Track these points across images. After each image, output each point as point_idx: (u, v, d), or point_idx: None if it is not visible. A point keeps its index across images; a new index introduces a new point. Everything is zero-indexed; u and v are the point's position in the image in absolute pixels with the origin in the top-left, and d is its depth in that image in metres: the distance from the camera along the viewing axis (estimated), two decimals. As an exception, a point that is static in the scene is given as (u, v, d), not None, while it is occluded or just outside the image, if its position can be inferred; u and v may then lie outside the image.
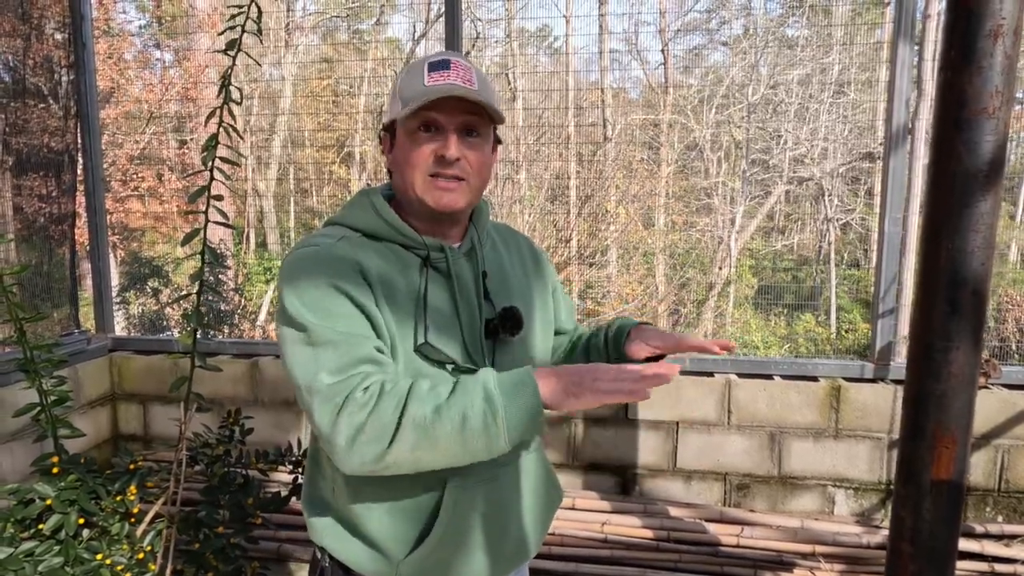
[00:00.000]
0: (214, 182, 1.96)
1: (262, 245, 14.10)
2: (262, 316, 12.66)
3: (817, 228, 12.38)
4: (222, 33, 1.95)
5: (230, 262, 7.08)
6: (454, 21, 2.84)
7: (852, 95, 12.27)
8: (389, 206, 1.07)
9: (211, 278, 4.50)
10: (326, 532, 1.09)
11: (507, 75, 10.30)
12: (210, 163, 1.93)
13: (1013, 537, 2.58)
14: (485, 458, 0.92)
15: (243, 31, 1.92)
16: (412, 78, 1.03)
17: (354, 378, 0.91)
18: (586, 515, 2.69)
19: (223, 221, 1.98)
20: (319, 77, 13.80)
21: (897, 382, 2.67)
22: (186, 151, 9.61)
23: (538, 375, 0.91)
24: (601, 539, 2.61)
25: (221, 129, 1.94)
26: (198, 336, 1.98)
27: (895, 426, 2.62)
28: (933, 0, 8.06)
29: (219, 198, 1.98)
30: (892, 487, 2.66)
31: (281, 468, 2.20)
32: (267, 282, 13.12)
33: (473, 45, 9.99)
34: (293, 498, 2.10)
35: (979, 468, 2.61)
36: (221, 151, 1.96)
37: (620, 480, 2.83)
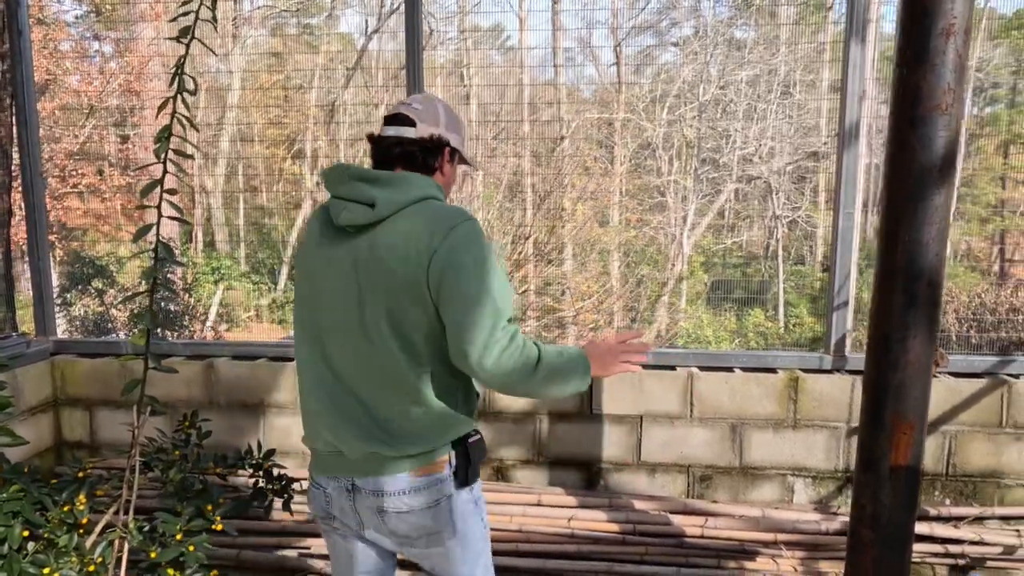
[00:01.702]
0: (167, 176, 1.88)
1: (210, 244, 13.68)
2: (211, 317, 12.31)
3: (765, 225, 12.70)
4: (173, 20, 1.87)
5: (181, 259, 6.83)
6: (414, 17, 2.79)
7: (798, 96, 12.60)
8: None
9: (163, 277, 4.32)
10: (461, 430, 1.41)
11: (461, 72, 10.24)
12: (163, 155, 1.84)
13: (960, 519, 2.68)
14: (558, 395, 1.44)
15: (196, 18, 1.84)
16: (462, 129, 1.50)
17: (516, 324, 1.35)
18: (552, 511, 2.69)
19: (177, 216, 1.90)
20: (268, 72, 13.46)
21: (853, 372, 2.74)
22: (129, 147, 9.25)
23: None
24: (568, 534, 2.61)
25: (175, 120, 1.85)
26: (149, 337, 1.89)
27: (852, 415, 2.69)
28: (873, 4, 8.34)
29: (173, 192, 1.90)
30: (849, 475, 2.74)
31: (241, 471, 2.13)
32: (215, 282, 12.75)
33: (427, 41, 9.89)
34: (255, 502, 2.04)
35: (928, 454, 2.70)
36: (175, 143, 1.87)
37: (585, 475, 2.83)
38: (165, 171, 1.87)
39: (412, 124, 1.40)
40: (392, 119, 1.42)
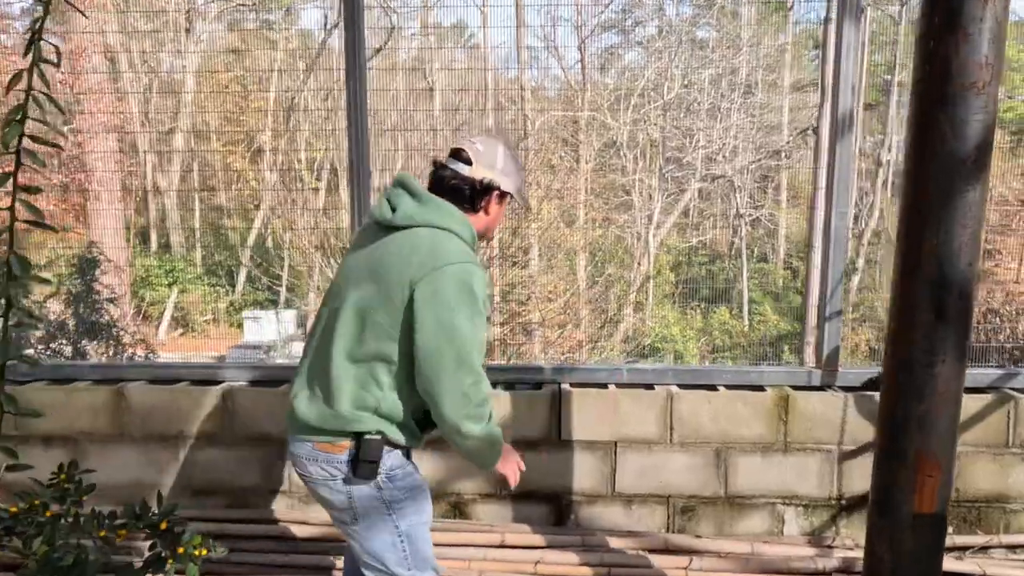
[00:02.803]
0: (25, 170, 1.45)
1: (165, 246, 12.97)
2: (165, 323, 11.63)
3: (729, 224, 12.52)
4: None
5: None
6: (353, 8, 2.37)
7: (759, 96, 12.43)
8: None
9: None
10: (369, 425, 1.49)
11: (423, 70, 9.78)
12: (14, 143, 1.41)
13: (964, 549, 2.39)
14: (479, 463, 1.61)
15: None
16: (519, 173, 1.61)
17: (483, 372, 1.48)
18: (517, 553, 2.31)
19: (36, 220, 1.47)
20: (225, 69, 12.80)
21: (846, 389, 2.43)
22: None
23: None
24: (534, 580, 2.24)
25: (31, 99, 1.43)
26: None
27: (845, 438, 2.37)
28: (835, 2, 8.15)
29: (35, 191, 1.47)
30: (844, 502, 2.42)
31: (136, 532, 1.70)
32: (169, 285, 12.08)
33: (389, 37, 9.40)
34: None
35: (931, 478, 2.40)
36: (33, 128, 1.44)
37: (554, 508, 2.47)
38: (19, 163, 1.45)
39: (469, 163, 1.51)
40: (455, 153, 1.53)
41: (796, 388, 2.44)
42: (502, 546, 2.35)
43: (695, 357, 10.00)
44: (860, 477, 2.39)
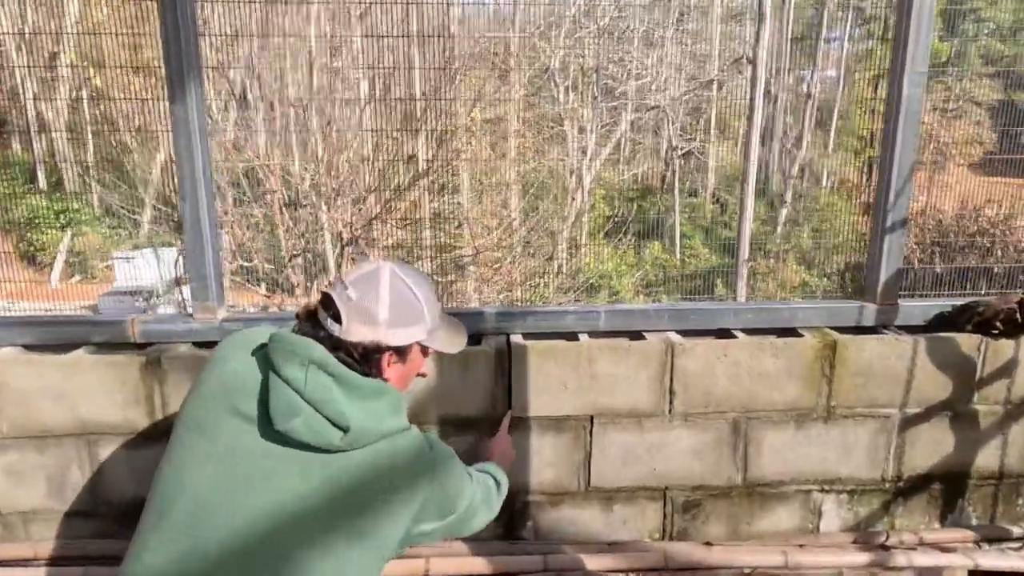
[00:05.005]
0: None
1: (57, 185, 11.11)
2: (58, 268, 10.04)
3: (661, 158, 11.79)
4: None
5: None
6: None
7: (691, 24, 11.56)
8: None
9: None
10: None
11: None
12: None
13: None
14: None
15: None
16: (426, 306, 1.05)
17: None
18: (449, 592, 1.45)
19: None
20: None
21: (913, 330, 1.65)
22: None
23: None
24: (477, 633, 1.39)
25: None
26: None
27: (910, 397, 1.60)
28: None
29: None
30: (901, 485, 1.67)
31: None
32: (62, 228, 10.40)
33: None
34: None
35: (1017, 445, 1.68)
36: None
37: (503, 515, 1.60)
38: None
39: (339, 320, 0.98)
40: (324, 302, 1.00)
41: (840, 331, 1.64)
42: (427, 578, 1.48)
43: (630, 293, 9.34)
44: (925, 451, 1.64)
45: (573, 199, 9.42)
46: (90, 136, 11.24)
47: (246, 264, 5.41)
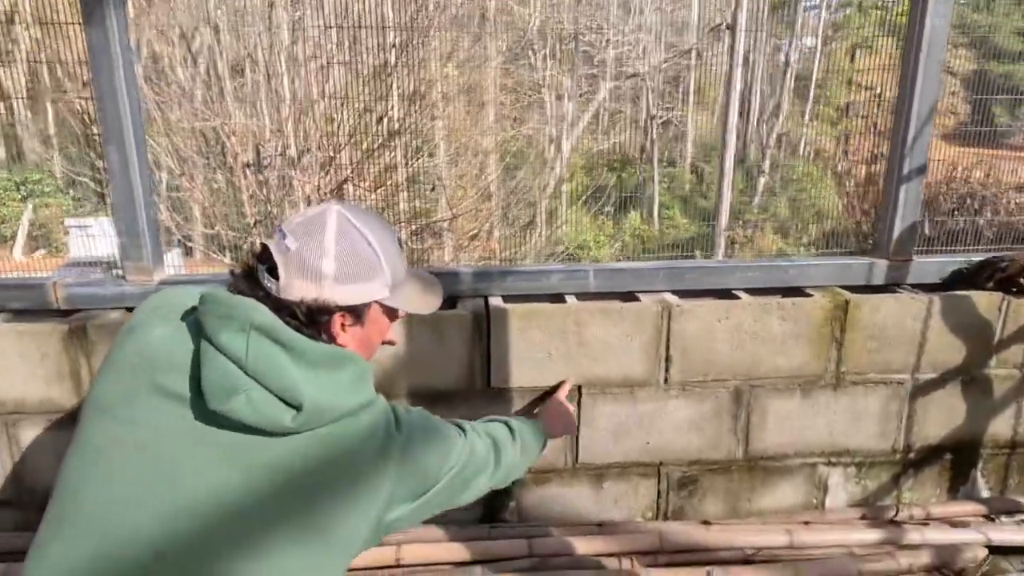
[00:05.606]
0: None
1: (17, 157, 10.55)
2: (20, 241, 9.59)
3: (640, 127, 11.56)
4: None
5: None
6: None
7: (671, -10, 11.21)
8: None
9: None
10: None
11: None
12: None
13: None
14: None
15: None
16: (386, 257, 0.85)
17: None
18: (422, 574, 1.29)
19: None
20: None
21: (928, 288, 1.50)
22: None
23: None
24: (454, 629, 1.23)
25: None
26: None
27: (923, 361, 1.46)
28: None
29: None
30: (910, 456, 1.52)
31: None
32: (23, 199, 9.91)
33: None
34: None
35: (1033, 413, 1.55)
36: None
37: (483, 496, 1.44)
38: None
39: (275, 275, 0.79)
40: (261, 254, 0.82)
41: (850, 289, 1.48)
42: (398, 565, 1.32)
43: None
44: (938, 419, 1.50)
45: (552, 168, 9.20)
46: (49, 104, 10.68)
47: (208, 232, 5.13)
